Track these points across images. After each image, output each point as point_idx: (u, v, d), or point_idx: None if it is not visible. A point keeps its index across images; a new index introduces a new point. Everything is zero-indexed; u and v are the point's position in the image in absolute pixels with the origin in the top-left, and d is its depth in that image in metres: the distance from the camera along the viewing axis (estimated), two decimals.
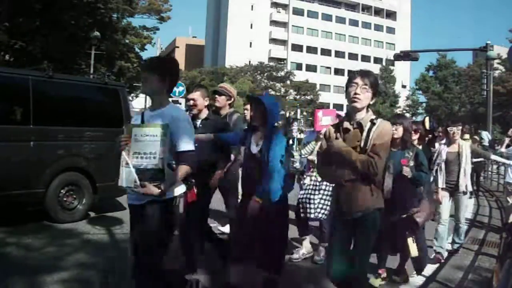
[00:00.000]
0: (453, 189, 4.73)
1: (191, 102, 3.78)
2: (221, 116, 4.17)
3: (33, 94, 5.22)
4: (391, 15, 67.26)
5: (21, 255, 4.18)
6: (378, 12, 66.97)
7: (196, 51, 70.44)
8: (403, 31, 65.74)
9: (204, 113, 3.80)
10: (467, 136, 11.60)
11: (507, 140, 7.34)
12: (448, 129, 4.82)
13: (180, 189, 2.57)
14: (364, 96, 2.55)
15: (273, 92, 47.29)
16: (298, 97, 50.27)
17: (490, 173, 13.78)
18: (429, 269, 4.28)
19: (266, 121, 3.20)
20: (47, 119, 5.34)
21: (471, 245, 5.41)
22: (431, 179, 4.66)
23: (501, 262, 2.22)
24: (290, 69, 55.62)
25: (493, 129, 24.68)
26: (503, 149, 7.08)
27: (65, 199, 5.56)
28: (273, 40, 62.10)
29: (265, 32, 61.82)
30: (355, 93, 2.53)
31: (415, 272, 4.07)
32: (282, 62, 58.21)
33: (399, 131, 3.56)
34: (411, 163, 3.52)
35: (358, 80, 2.54)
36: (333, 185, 2.97)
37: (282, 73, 51.97)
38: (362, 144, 2.51)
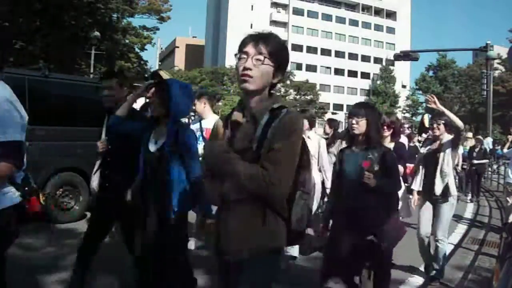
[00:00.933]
0: (429, 194, 3.84)
1: (106, 91, 3.13)
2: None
3: (29, 93, 5.18)
4: (391, 15, 67.20)
5: (21, 255, 4.17)
6: (378, 12, 66.91)
7: (196, 51, 70.44)
8: (403, 31, 65.66)
9: None
10: (470, 134, 11.63)
11: (510, 139, 7.26)
12: None
13: (5, 201, 1.98)
14: (260, 72, 1.61)
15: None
16: (298, 97, 50.25)
17: (490, 173, 13.78)
18: None
19: (168, 113, 2.51)
20: (43, 119, 5.31)
21: (471, 245, 5.42)
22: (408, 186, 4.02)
23: (501, 262, 2.20)
24: (290, 69, 55.55)
25: (493, 129, 24.67)
26: (505, 150, 7.05)
27: (61, 199, 5.56)
28: None
29: None
30: (245, 68, 1.61)
31: (414, 272, 4.06)
32: None
33: (361, 125, 2.76)
34: (376, 167, 2.71)
35: (250, 47, 1.63)
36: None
37: None
38: (254, 147, 1.60)
